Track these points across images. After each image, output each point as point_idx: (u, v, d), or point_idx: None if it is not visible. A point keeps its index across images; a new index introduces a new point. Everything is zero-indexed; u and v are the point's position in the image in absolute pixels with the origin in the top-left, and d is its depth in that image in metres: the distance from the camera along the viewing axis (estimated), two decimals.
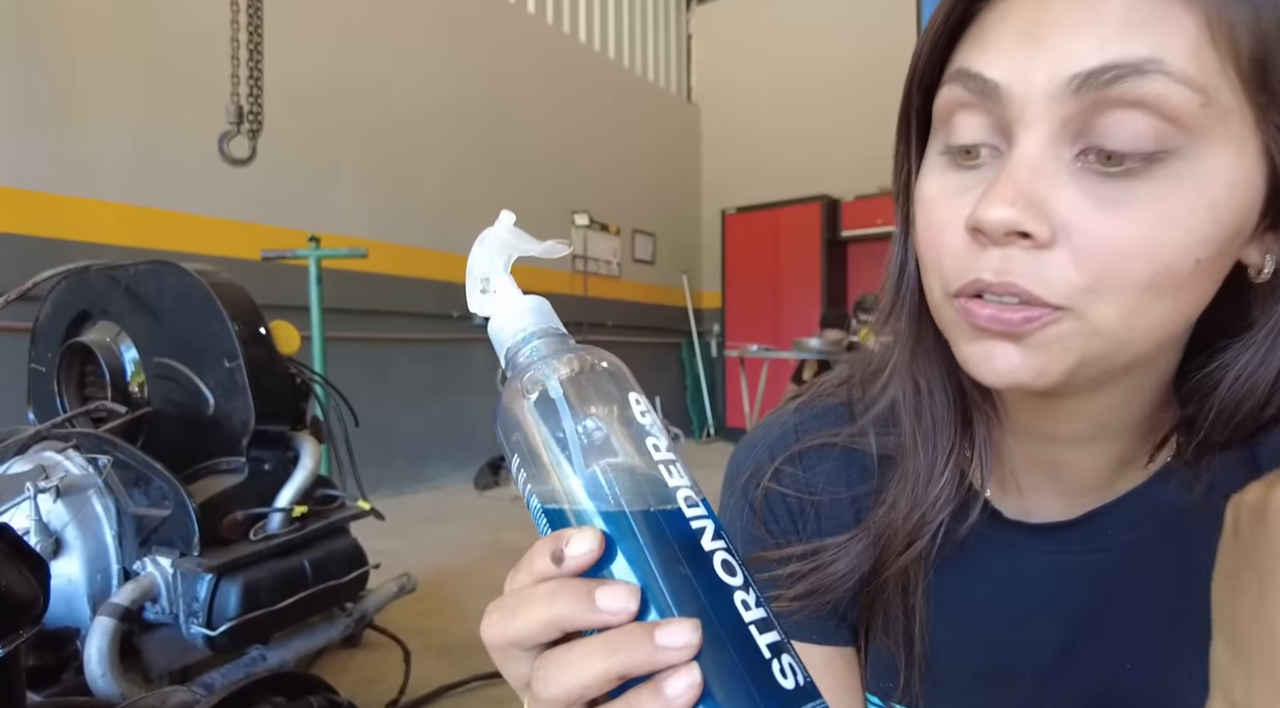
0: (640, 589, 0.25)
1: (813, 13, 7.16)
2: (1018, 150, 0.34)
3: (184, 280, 1.54)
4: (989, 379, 0.38)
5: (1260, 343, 0.38)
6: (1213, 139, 0.32)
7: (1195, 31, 0.31)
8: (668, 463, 0.28)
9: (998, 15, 0.36)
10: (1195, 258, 0.34)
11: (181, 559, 1.34)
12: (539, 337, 0.31)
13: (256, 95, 2.39)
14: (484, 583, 3.09)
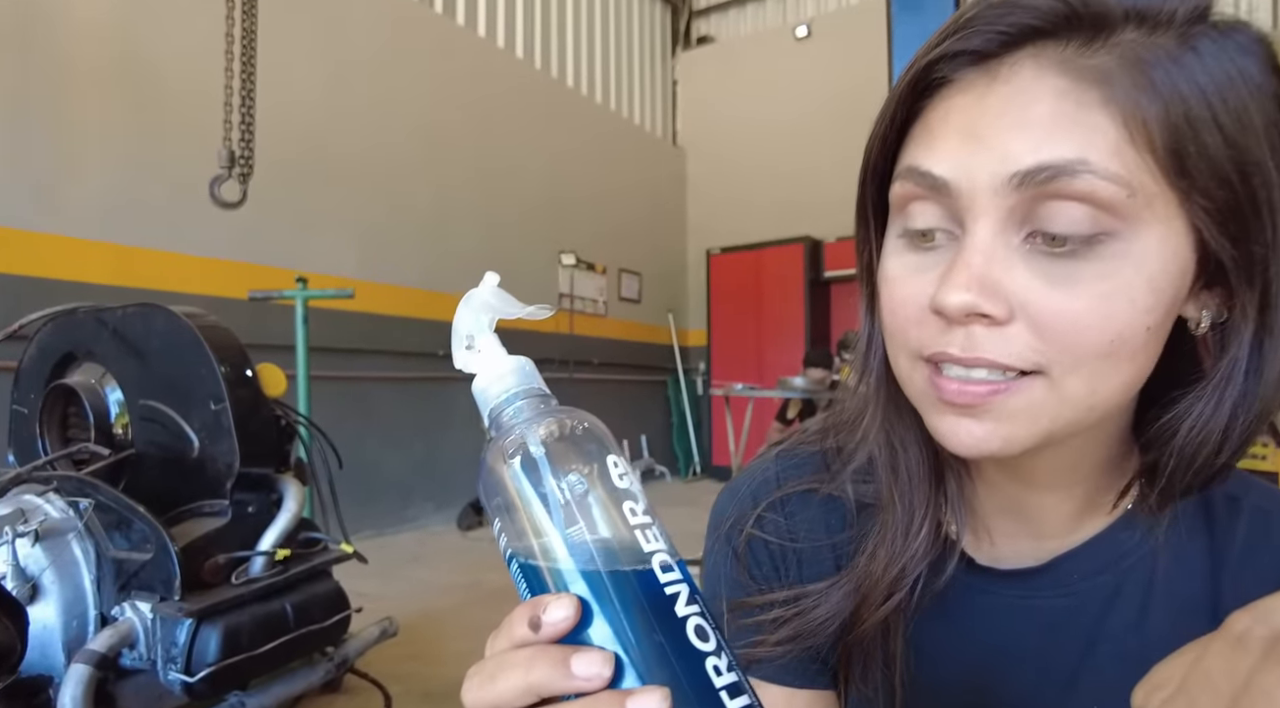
0: (615, 655, 0.26)
1: (793, 60, 7.37)
2: (969, 238, 0.37)
3: (172, 323, 1.55)
4: (956, 450, 0.40)
5: (1210, 394, 0.40)
6: (1143, 222, 0.36)
7: (1114, 131, 0.35)
8: (644, 527, 0.28)
9: (939, 115, 0.39)
10: (1145, 325, 0.37)
11: (161, 604, 1.33)
12: (521, 398, 0.32)
13: (248, 140, 2.43)
14: (466, 626, 3.05)
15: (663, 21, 8.26)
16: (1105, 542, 0.46)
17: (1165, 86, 0.35)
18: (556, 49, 6.72)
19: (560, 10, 6.78)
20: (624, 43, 7.64)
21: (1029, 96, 0.36)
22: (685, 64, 8.30)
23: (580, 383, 6.21)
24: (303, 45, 4.25)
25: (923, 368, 0.41)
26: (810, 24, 7.38)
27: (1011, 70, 0.37)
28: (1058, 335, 0.36)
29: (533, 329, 5.98)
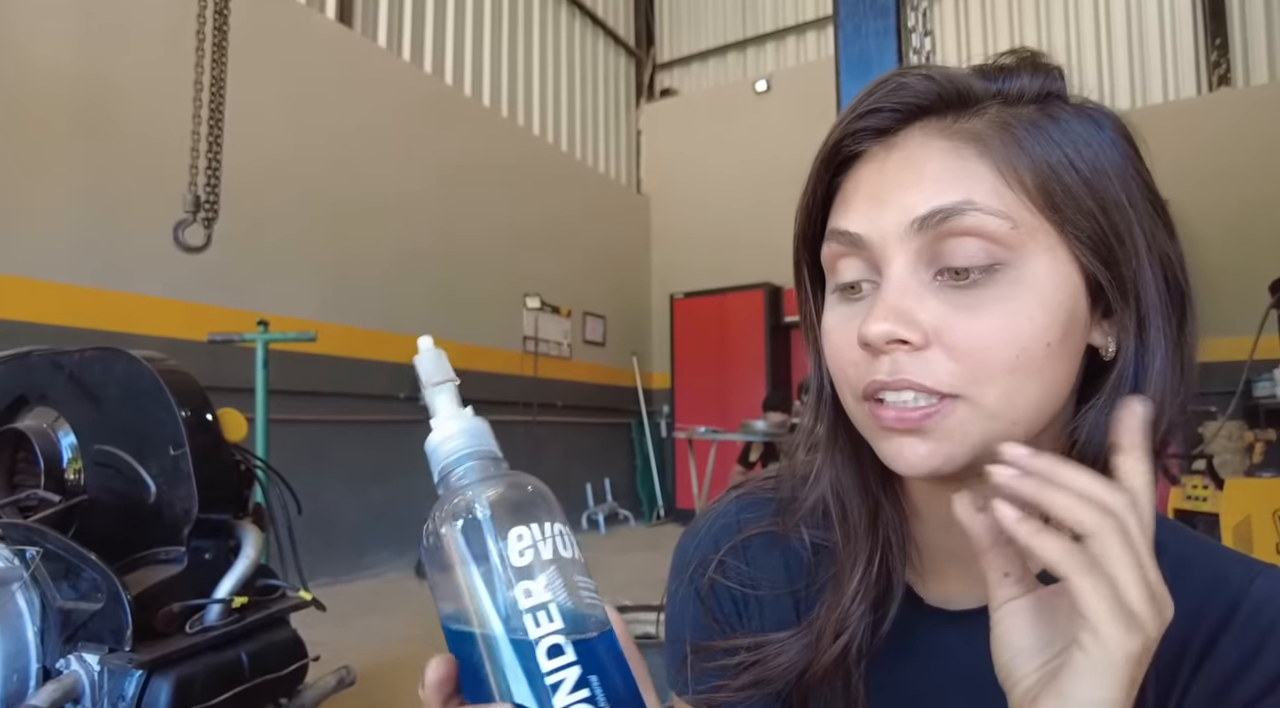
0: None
1: (753, 113, 7.62)
2: (886, 278, 0.43)
3: (132, 367, 1.54)
4: (904, 470, 0.44)
5: (1102, 407, 0.45)
6: (1029, 250, 0.42)
7: (992, 177, 0.42)
8: (535, 609, 0.30)
9: (852, 184, 0.47)
10: (1045, 342, 0.42)
11: (110, 655, 1.29)
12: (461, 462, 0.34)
13: (214, 185, 2.44)
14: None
15: (627, 74, 8.49)
16: None
17: (1028, 141, 0.43)
18: (523, 98, 6.86)
19: (527, 60, 6.94)
20: (589, 94, 7.83)
21: (919, 158, 0.44)
22: (649, 115, 8.51)
23: (544, 426, 6.19)
24: (268, 89, 4.28)
25: (865, 404, 0.45)
26: (769, 79, 7.66)
27: (905, 140, 0.45)
28: (968, 354, 0.41)
29: (498, 371, 5.97)
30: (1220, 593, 0.45)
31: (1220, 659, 0.44)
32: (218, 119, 2.39)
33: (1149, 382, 0.45)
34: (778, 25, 7.99)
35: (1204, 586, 0.46)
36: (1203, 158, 5.83)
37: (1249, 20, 6.15)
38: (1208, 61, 6.22)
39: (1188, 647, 0.45)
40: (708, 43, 8.38)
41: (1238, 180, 5.72)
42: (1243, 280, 4.88)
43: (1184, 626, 0.45)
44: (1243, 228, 5.63)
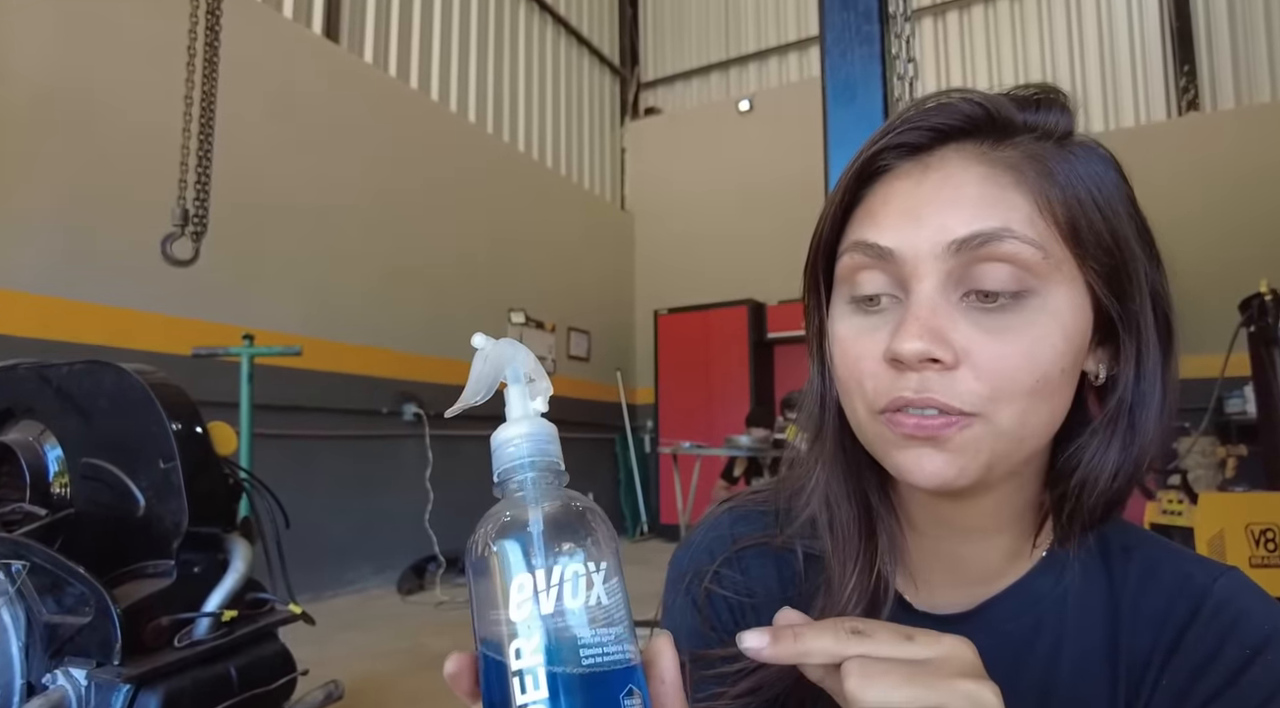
0: None
1: (736, 132, 7.72)
2: (915, 296, 0.44)
3: (122, 379, 1.54)
4: (920, 481, 0.45)
5: (1102, 432, 0.48)
6: (1055, 280, 0.44)
7: (1027, 207, 0.44)
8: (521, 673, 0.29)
9: (880, 197, 0.47)
10: (1060, 368, 0.44)
11: (98, 669, 1.28)
12: (524, 473, 0.33)
13: (203, 199, 2.44)
14: (408, 692, 2.96)
15: (612, 92, 8.57)
16: (1024, 587, 0.51)
17: (1060, 176, 0.45)
18: (508, 115, 6.90)
19: (512, 77, 6.99)
20: (574, 111, 7.88)
21: (958, 181, 0.45)
22: (633, 133, 8.59)
23: None
24: (253, 104, 4.28)
25: (879, 417, 0.46)
26: (752, 99, 7.76)
27: (941, 160, 0.46)
28: (995, 376, 0.43)
29: None
30: (1186, 593, 0.47)
31: (1186, 655, 0.46)
32: (208, 134, 2.39)
33: (1146, 409, 0.47)
34: (760, 46, 8.12)
35: (1171, 587, 0.48)
36: (1173, 179, 5.98)
37: (1215, 47, 6.35)
38: (1177, 87, 6.40)
39: (1156, 645, 0.47)
40: (691, 62, 8.49)
41: (1207, 202, 5.87)
42: (1213, 300, 5.01)
43: (1153, 625, 0.47)
44: (1213, 248, 5.78)
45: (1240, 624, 0.45)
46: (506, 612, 0.29)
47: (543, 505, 0.31)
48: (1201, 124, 6.22)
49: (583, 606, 0.29)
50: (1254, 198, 5.77)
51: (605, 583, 0.30)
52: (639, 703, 0.30)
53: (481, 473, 1.93)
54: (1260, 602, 0.47)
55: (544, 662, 0.28)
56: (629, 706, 0.29)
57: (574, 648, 0.29)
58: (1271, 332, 4.29)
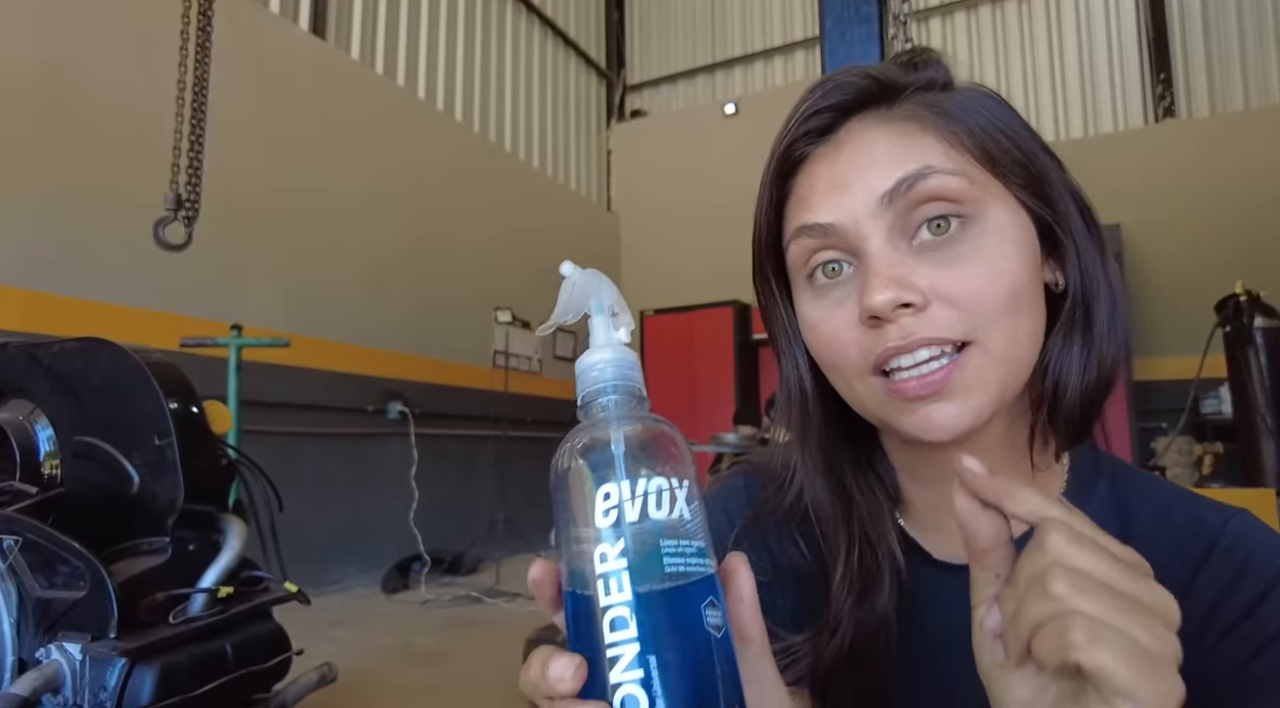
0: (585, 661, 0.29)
1: (722, 135, 7.78)
2: (869, 254, 0.46)
3: (116, 357, 1.53)
4: (937, 436, 0.45)
5: (1061, 333, 0.50)
6: (988, 202, 0.46)
7: (939, 146, 0.47)
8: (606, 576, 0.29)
9: (806, 182, 0.50)
10: (1026, 276, 0.46)
11: (93, 644, 1.27)
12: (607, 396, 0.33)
13: (195, 184, 2.42)
14: (397, 688, 2.93)
15: (598, 94, 8.60)
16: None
17: (958, 112, 0.48)
18: (495, 114, 6.90)
19: (499, 77, 7.00)
20: (560, 112, 7.90)
21: (869, 144, 0.48)
22: (619, 135, 8.62)
23: (515, 441, 6.15)
24: (240, 99, 4.26)
25: (875, 382, 0.47)
26: (738, 102, 7.83)
27: (849, 133, 0.49)
28: (970, 302, 0.45)
29: (468, 386, 5.93)
30: (1199, 534, 0.48)
31: (1201, 593, 0.46)
32: (200, 119, 2.38)
33: (1096, 302, 0.50)
34: (746, 50, 8.19)
35: (1183, 529, 0.49)
36: (1150, 184, 6.11)
37: (1190, 56, 6.50)
38: (1153, 94, 6.54)
39: (1170, 584, 0.46)
40: (677, 66, 8.55)
41: (1183, 206, 6.00)
42: (1189, 302, 5.13)
43: (1167, 566, 0.47)
44: (1189, 252, 5.90)
45: (1254, 560, 0.46)
46: (591, 520, 0.30)
47: (628, 424, 0.32)
48: (1177, 130, 6.35)
49: (665, 518, 0.29)
50: (1228, 203, 5.91)
51: (687, 502, 0.31)
52: (718, 616, 0.30)
53: (466, 472, 1.99)
54: (1272, 539, 0.48)
55: (628, 566, 0.29)
56: (709, 615, 0.29)
57: (657, 556, 0.29)
58: (1247, 332, 4.38)
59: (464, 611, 4.33)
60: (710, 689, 0.28)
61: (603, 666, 0.28)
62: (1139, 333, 5.86)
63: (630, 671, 0.27)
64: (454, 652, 3.45)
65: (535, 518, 6.07)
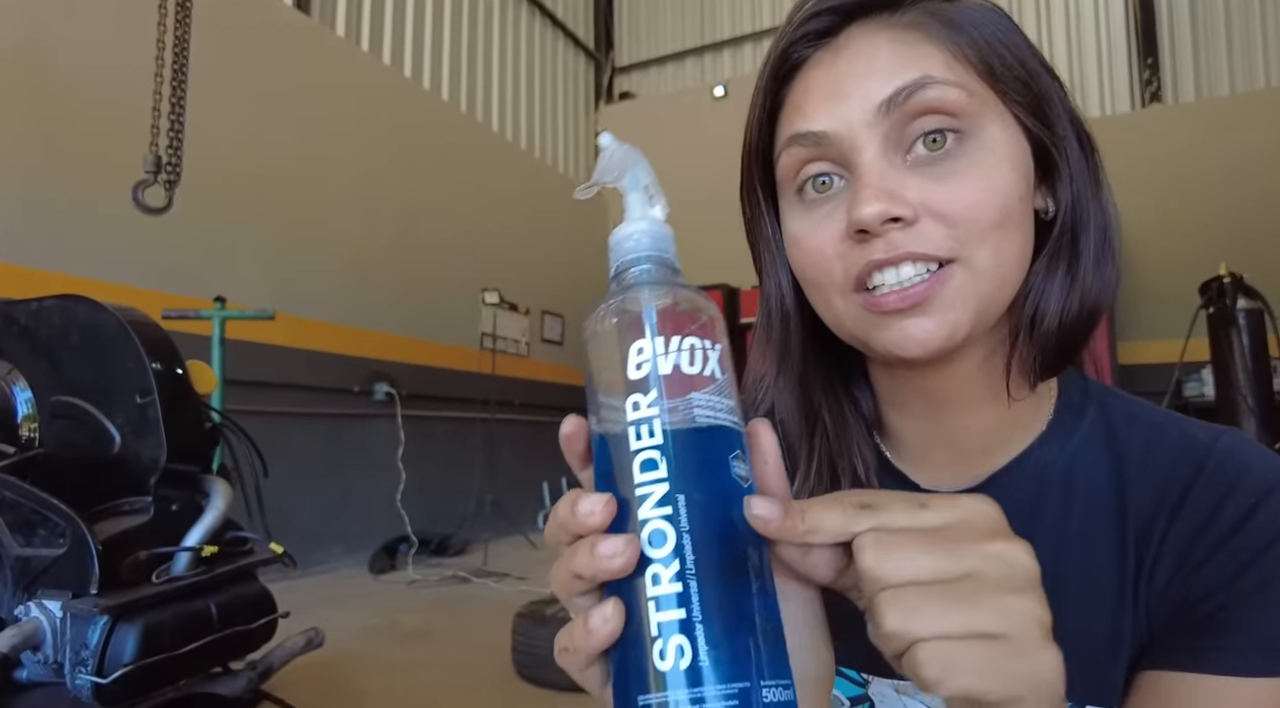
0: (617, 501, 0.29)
1: (711, 118, 7.74)
2: (861, 166, 0.45)
3: (96, 314, 1.49)
4: (912, 351, 0.44)
5: (1046, 259, 0.49)
6: (985, 118, 0.45)
7: (941, 55, 0.45)
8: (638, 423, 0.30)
9: (800, 88, 0.48)
10: (1018, 196, 0.45)
11: (74, 601, 1.24)
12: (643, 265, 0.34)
13: (176, 147, 2.37)
14: (382, 664, 2.92)
15: (586, 76, 8.54)
16: (1029, 458, 0.51)
17: (963, 24, 0.46)
18: (482, 94, 6.84)
19: (486, 57, 6.93)
20: (548, 93, 7.84)
21: (870, 51, 0.46)
22: (607, 117, 8.57)
23: (502, 423, 6.13)
24: (222, 75, 4.18)
25: (855, 299, 0.46)
26: (727, 85, 7.79)
27: (849, 39, 0.47)
28: (960, 218, 0.43)
29: (456, 368, 5.89)
30: (1189, 452, 0.48)
31: (1190, 512, 0.46)
32: (180, 81, 2.33)
33: (1085, 232, 0.49)
34: (735, 33, 8.15)
35: (1174, 449, 0.49)
36: (1137, 169, 6.14)
37: (1178, 42, 6.53)
38: (1140, 79, 6.57)
39: (1160, 506, 0.47)
40: (666, 48, 8.49)
41: (1168, 191, 6.04)
42: (1174, 287, 5.17)
43: (1158, 484, 0.48)
44: (1173, 237, 5.95)
45: (1243, 477, 0.46)
46: (625, 372, 0.30)
47: (664, 289, 0.32)
48: (1163, 116, 6.39)
49: (697, 373, 0.30)
50: (1214, 188, 5.96)
51: (719, 363, 0.31)
52: (745, 469, 0.30)
53: (453, 454, 1.96)
54: (1262, 455, 0.47)
55: (659, 413, 0.29)
56: (736, 466, 0.30)
57: (688, 406, 0.29)
58: (1230, 313, 4.43)
59: (451, 590, 4.32)
60: (734, 531, 0.29)
61: (631, 508, 0.29)
62: (1123, 317, 5.91)
63: (659, 508, 0.28)
64: (441, 630, 3.44)
65: (523, 500, 6.05)
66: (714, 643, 0.26)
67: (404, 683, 2.70)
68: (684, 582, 0.27)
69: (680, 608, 0.27)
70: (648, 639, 0.27)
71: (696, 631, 0.26)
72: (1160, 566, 0.46)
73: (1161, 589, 0.46)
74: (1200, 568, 0.45)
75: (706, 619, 0.27)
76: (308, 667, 2.71)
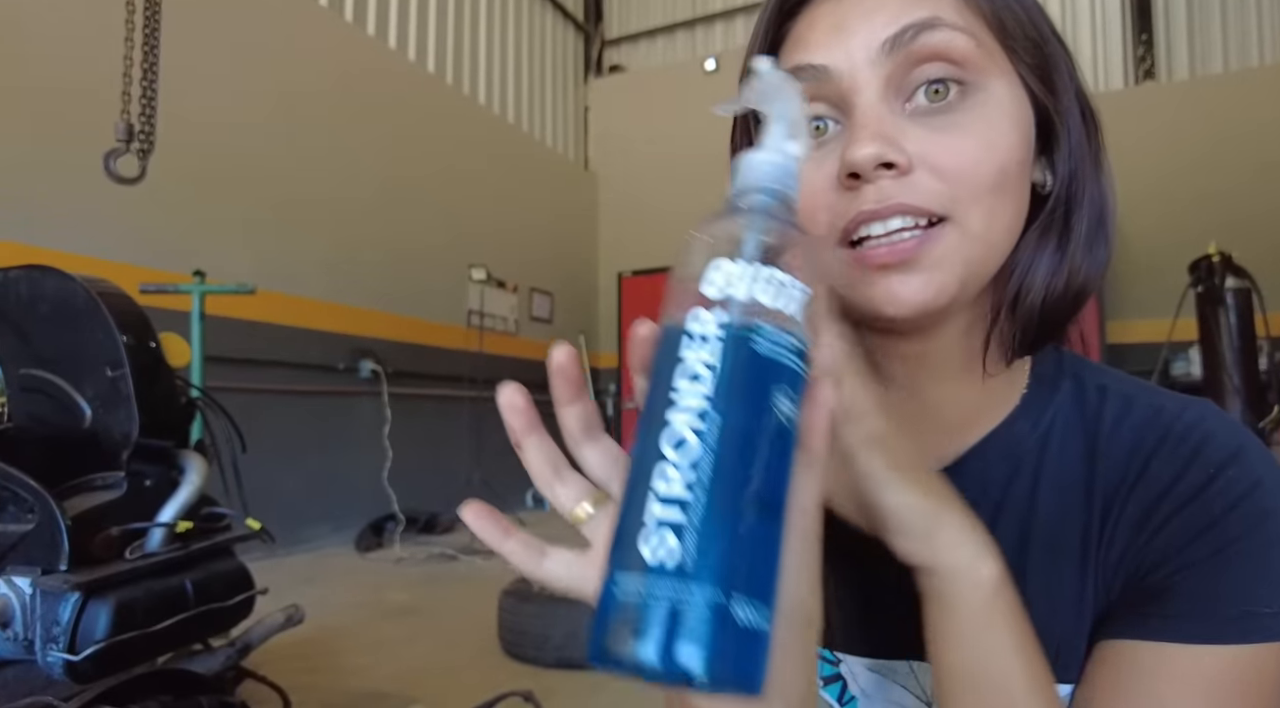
0: None
1: (702, 92, 7.65)
2: (859, 107, 0.43)
3: (64, 285, 1.45)
4: (897, 309, 0.42)
5: (1037, 232, 0.47)
6: (992, 73, 0.43)
7: (953, 1, 0.43)
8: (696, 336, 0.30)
9: (805, 23, 0.46)
10: (1017, 160, 0.43)
11: (44, 577, 1.21)
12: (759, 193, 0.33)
13: (149, 115, 2.30)
14: (368, 641, 2.92)
15: (575, 48, 8.41)
16: (1003, 434, 0.50)
17: None
18: (469, 67, 6.72)
19: (473, 28, 6.80)
20: (536, 66, 7.72)
21: None
22: (597, 91, 8.46)
23: (489, 401, 6.05)
24: (203, 43, 4.08)
25: (841, 253, 0.44)
26: (719, 58, 7.69)
27: None
28: (956, 173, 0.41)
29: (443, 345, 5.85)
30: (1156, 423, 0.47)
31: (1151, 479, 0.46)
32: (153, 46, 2.25)
33: (1079, 209, 0.47)
34: (727, 6, 8.04)
35: (1142, 420, 0.48)
36: (1129, 146, 6.12)
37: (1172, 18, 6.48)
38: (1134, 56, 6.53)
39: (1126, 473, 0.47)
40: (656, 21, 8.37)
41: (1160, 169, 6.03)
42: (1164, 265, 5.18)
43: (1124, 455, 0.47)
44: (1165, 215, 5.95)
45: (1205, 446, 0.45)
46: (700, 286, 0.30)
47: (768, 220, 0.32)
48: (1157, 93, 6.36)
49: (773, 304, 0.30)
50: (1205, 166, 5.95)
51: (802, 308, 0.31)
52: (790, 409, 0.30)
53: (441, 432, 1.92)
54: (1225, 424, 0.47)
55: (719, 332, 0.29)
56: (784, 404, 0.30)
57: (753, 330, 0.29)
58: (1218, 292, 4.44)
59: (438, 568, 4.32)
60: (757, 461, 0.29)
61: (664, 409, 0.29)
62: (1112, 295, 5.92)
63: (690, 417, 0.28)
64: (427, 607, 3.44)
65: (511, 478, 6.05)
66: (700, 550, 0.27)
67: (389, 659, 2.70)
68: (691, 491, 0.27)
69: (679, 511, 0.27)
70: (641, 527, 0.28)
71: (688, 536, 0.27)
72: (1119, 534, 0.46)
73: (1119, 558, 0.46)
74: (1155, 536, 0.44)
75: (701, 528, 0.27)
76: (291, 644, 2.70)
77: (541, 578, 0.37)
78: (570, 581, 0.37)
